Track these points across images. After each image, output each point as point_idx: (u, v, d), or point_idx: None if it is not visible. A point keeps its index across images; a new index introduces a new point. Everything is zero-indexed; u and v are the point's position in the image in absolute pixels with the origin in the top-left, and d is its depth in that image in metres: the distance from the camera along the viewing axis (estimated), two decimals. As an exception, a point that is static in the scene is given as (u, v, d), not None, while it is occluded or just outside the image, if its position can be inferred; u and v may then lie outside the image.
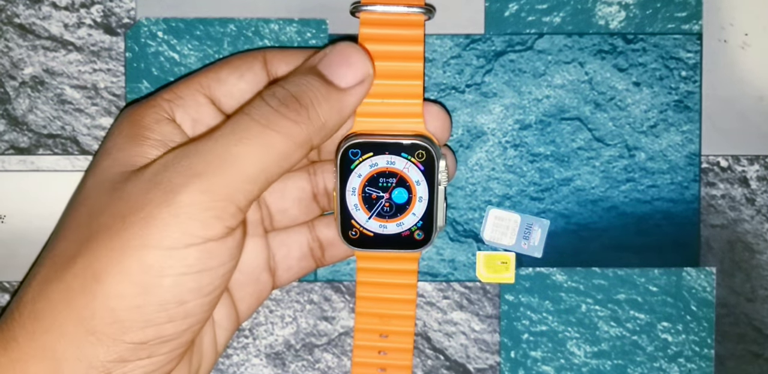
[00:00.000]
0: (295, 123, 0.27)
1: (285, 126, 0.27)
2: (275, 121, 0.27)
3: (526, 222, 0.34)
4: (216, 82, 0.30)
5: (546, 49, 0.34)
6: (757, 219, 0.34)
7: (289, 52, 0.31)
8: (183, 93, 0.30)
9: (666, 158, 0.34)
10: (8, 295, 0.34)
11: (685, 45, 0.34)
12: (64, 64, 0.34)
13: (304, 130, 0.27)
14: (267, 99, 0.28)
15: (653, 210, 0.34)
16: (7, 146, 0.34)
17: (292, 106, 0.27)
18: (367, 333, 0.32)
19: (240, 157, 0.26)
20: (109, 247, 0.26)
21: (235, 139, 0.27)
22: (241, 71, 0.30)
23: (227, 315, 0.31)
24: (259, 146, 0.27)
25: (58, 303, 0.26)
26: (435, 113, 0.31)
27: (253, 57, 0.31)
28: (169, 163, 0.27)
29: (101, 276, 0.26)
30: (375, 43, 0.30)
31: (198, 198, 0.26)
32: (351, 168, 0.30)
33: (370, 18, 0.30)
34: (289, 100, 0.28)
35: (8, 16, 0.34)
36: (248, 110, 0.28)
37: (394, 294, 0.32)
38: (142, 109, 0.30)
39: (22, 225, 0.34)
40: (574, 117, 0.34)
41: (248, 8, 0.34)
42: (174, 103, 0.30)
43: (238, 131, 0.27)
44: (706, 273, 0.34)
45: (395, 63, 0.30)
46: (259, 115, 0.27)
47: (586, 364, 0.34)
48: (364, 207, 0.31)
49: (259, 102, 0.28)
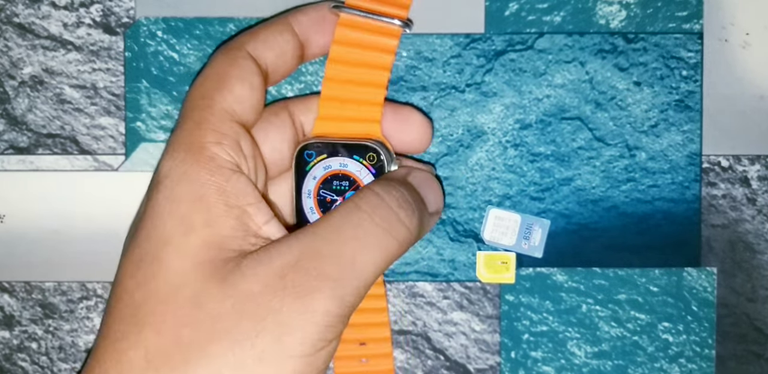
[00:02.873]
0: (408, 230, 0.27)
1: (402, 233, 0.27)
2: (396, 227, 0.27)
3: (526, 222, 0.34)
4: (238, 104, 0.28)
5: (546, 48, 0.34)
6: (758, 219, 0.34)
7: (264, 37, 0.30)
8: (223, 129, 0.27)
9: (667, 158, 0.34)
10: (7, 295, 0.34)
11: (686, 44, 0.34)
12: (63, 64, 0.34)
13: (410, 238, 0.27)
14: (386, 197, 0.27)
15: (654, 210, 0.34)
16: (6, 146, 0.34)
17: (407, 211, 0.27)
18: (346, 343, 0.32)
19: (367, 264, 0.26)
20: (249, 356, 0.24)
21: (360, 245, 0.26)
22: (248, 80, 0.29)
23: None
24: (381, 253, 0.26)
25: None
26: (415, 122, 0.31)
27: (242, 57, 0.29)
28: (297, 265, 0.25)
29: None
30: (347, 46, 0.30)
31: (331, 305, 0.25)
32: (306, 169, 0.30)
33: (349, 20, 0.30)
34: (406, 204, 0.27)
35: (7, 15, 0.34)
36: (367, 207, 0.27)
37: (363, 304, 0.32)
38: (196, 162, 0.27)
39: (22, 224, 0.34)
40: (574, 116, 0.34)
41: (248, 7, 0.34)
42: (224, 144, 0.27)
43: (361, 235, 0.26)
44: (707, 274, 0.34)
45: (363, 70, 0.30)
46: (381, 218, 0.27)
47: (586, 365, 0.34)
48: (319, 210, 0.30)
49: (377, 200, 0.27)
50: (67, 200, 0.34)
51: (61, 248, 0.34)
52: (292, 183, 0.31)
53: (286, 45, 0.30)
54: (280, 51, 0.30)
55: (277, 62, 0.30)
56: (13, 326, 0.34)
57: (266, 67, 0.30)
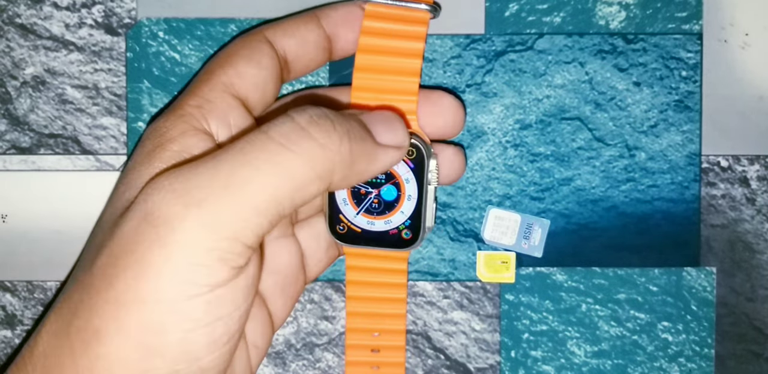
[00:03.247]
0: (321, 146, 0.23)
1: (308, 148, 0.22)
2: (297, 140, 0.22)
3: (526, 222, 0.34)
4: (238, 78, 0.27)
5: (546, 49, 0.34)
6: (758, 219, 0.34)
7: (286, 25, 0.29)
8: (210, 96, 0.26)
9: (666, 158, 0.34)
10: (9, 294, 0.34)
11: (686, 45, 0.34)
12: (65, 64, 0.34)
13: (328, 157, 0.23)
14: (294, 114, 0.23)
15: (653, 210, 0.34)
16: (8, 146, 0.34)
17: (324, 126, 0.23)
18: (358, 333, 0.32)
19: (248, 183, 0.22)
20: (105, 299, 0.22)
21: (244, 160, 0.22)
22: (256, 59, 0.28)
23: (261, 330, 0.28)
24: (272, 169, 0.22)
25: (66, 362, 0.23)
26: (447, 105, 0.30)
27: (257, 40, 0.28)
28: (162, 186, 0.22)
29: (101, 335, 0.22)
30: (376, 37, 0.29)
31: (197, 236, 0.21)
32: None
33: (375, 11, 0.29)
34: (324, 120, 0.23)
35: (9, 16, 0.34)
36: (267, 127, 0.23)
37: (384, 294, 0.32)
38: (167, 120, 0.26)
39: (24, 224, 0.34)
40: (574, 117, 0.34)
41: (249, 8, 0.34)
42: (204, 108, 0.26)
43: (248, 150, 0.22)
44: (707, 273, 0.34)
45: (394, 59, 0.29)
46: (279, 133, 0.23)
47: (586, 364, 0.34)
48: (353, 202, 0.30)
49: (284, 118, 0.23)
50: (68, 200, 0.34)
51: (63, 248, 0.34)
52: None
53: (308, 34, 0.29)
54: (301, 39, 0.29)
55: (297, 51, 0.29)
56: (15, 325, 0.34)
57: (284, 53, 0.29)
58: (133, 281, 0.22)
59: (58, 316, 0.24)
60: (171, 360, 0.22)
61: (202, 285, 0.22)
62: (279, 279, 0.29)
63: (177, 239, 0.21)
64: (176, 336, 0.22)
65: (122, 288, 0.22)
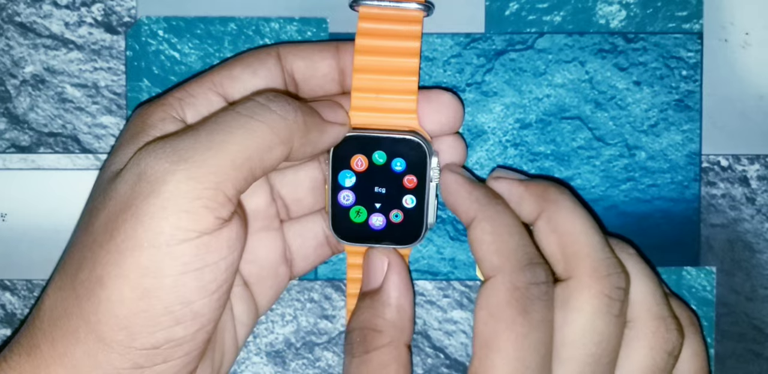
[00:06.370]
0: (281, 117, 0.27)
1: (270, 118, 0.27)
2: (260, 112, 0.27)
3: (526, 221, 0.34)
4: (229, 80, 0.30)
5: (546, 48, 0.34)
6: (758, 218, 0.34)
7: (302, 47, 0.31)
8: (195, 91, 0.30)
9: (666, 157, 0.34)
10: (9, 293, 0.34)
11: (686, 44, 0.34)
12: (64, 63, 0.34)
13: (288, 125, 0.27)
14: (254, 96, 0.28)
15: (653, 209, 0.34)
16: (8, 144, 0.34)
17: (280, 103, 0.27)
18: None
19: (225, 143, 0.26)
20: (106, 249, 0.26)
21: (219, 128, 0.26)
22: (254, 68, 0.30)
23: (246, 310, 0.31)
24: (243, 133, 0.26)
25: (72, 310, 0.26)
26: (446, 102, 0.31)
27: (266, 53, 0.31)
28: (153, 150, 0.26)
29: (104, 281, 0.25)
30: (373, 38, 0.30)
31: (185, 187, 0.25)
32: None
33: (369, 12, 0.30)
34: (280, 98, 0.28)
35: (9, 14, 0.34)
36: (233, 106, 0.28)
37: None
38: (151, 107, 0.29)
39: (23, 223, 0.34)
40: (574, 116, 0.34)
41: (249, 7, 0.34)
42: (185, 101, 0.29)
43: (221, 121, 0.27)
44: (706, 273, 0.34)
45: (391, 59, 0.30)
46: (244, 108, 0.27)
47: (585, 363, 0.34)
48: (355, 199, 0.31)
49: (246, 99, 0.28)
50: (68, 199, 0.34)
51: (62, 246, 0.34)
52: (328, 172, 0.31)
53: (321, 61, 0.31)
54: (311, 63, 0.31)
55: (305, 73, 0.31)
56: (15, 324, 0.34)
57: (292, 71, 0.31)
58: (131, 230, 0.25)
59: (62, 274, 0.27)
60: (166, 302, 0.25)
61: (190, 231, 0.25)
62: (254, 269, 0.31)
63: (169, 189, 0.25)
64: (170, 279, 0.25)
65: (122, 237, 0.25)
